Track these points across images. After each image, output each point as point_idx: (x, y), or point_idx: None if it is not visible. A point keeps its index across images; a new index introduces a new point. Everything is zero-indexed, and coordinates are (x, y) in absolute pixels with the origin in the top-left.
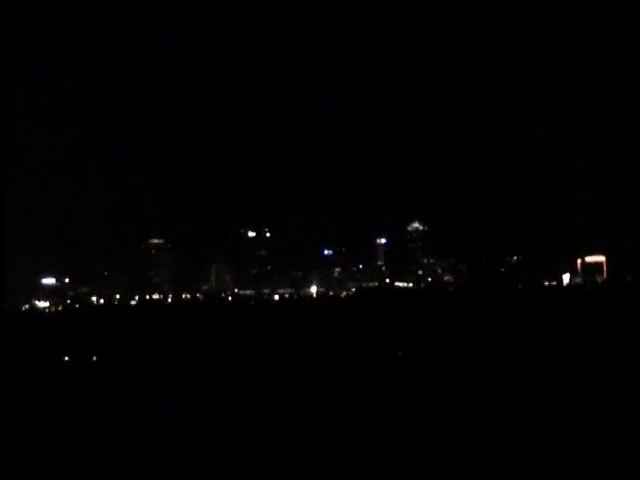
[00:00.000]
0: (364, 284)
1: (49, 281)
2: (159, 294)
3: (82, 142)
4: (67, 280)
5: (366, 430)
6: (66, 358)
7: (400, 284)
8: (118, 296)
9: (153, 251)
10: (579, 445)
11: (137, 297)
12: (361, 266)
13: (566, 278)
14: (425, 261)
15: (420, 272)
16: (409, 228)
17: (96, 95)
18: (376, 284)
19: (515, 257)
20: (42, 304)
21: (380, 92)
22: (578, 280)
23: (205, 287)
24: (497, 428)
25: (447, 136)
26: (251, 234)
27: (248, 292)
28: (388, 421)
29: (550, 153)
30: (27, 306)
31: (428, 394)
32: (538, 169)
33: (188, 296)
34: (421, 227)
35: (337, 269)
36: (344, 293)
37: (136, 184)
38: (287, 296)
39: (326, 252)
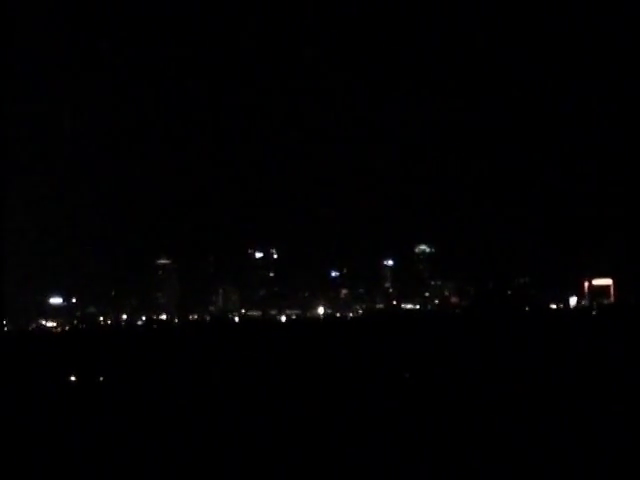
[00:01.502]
0: (371, 305)
1: (56, 301)
2: (166, 314)
3: (90, 163)
4: (74, 300)
5: (371, 450)
6: (72, 378)
7: (407, 306)
8: (125, 316)
9: (160, 272)
10: (590, 468)
11: (144, 317)
12: (368, 288)
13: (573, 301)
14: (432, 283)
15: (427, 294)
16: (416, 250)
17: (105, 114)
18: (383, 306)
19: (522, 279)
20: (49, 324)
21: (388, 113)
22: (585, 303)
23: (212, 308)
24: (504, 450)
25: (455, 158)
26: (258, 255)
27: (255, 313)
28: (394, 441)
29: (558, 175)
30: (34, 325)
31: (434, 415)
32: (546, 191)
33: (195, 317)
34: (428, 249)
35: (344, 290)
36: (351, 314)
37: (144, 204)
38: (294, 317)
39: (333, 273)
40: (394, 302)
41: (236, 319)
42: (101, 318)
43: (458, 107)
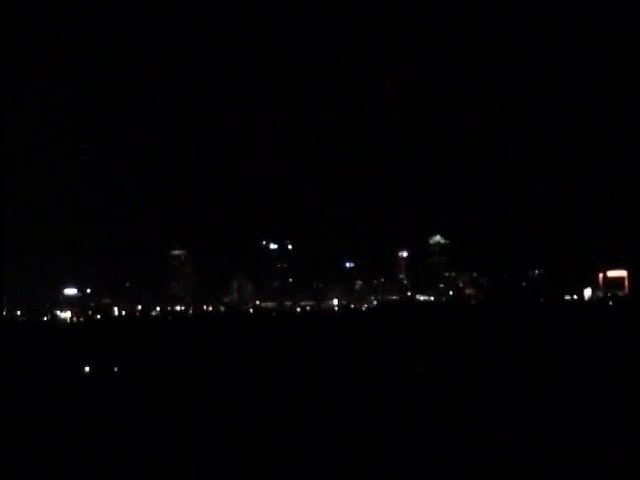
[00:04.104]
0: (385, 297)
1: (71, 292)
2: (181, 306)
3: (106, 157)
4: (89, 291)
5: (384, 443)
6: (87, 369)
7: (421, 297)
8: (140, 307)
9: (175, 263)
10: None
11: (159, 308)
12: (382, 279)
13: (587, 292)
14: (446, 275)
15: (441, 285)
16: (431, 242)
17: (122, 112)
18: (397, 297)
19: (536, 271)
20: (64, 314)
21: (402, 107)
22: (599, 294)
23: (227, 299)
24: (519, 442)
25: (470, 151)
26: (273, 246)
27: (269, 304)
28: (407, 434)
29: (573, 169)
30: (49, 316)
31: (448, 407)
32: (560, 184)
33: (210, 308)
34: (443, 241)
35: (358, 282)
36: (365, 306)
37: (159, 196)
38: (308, 308)
39: (347, 265)
40: (408, 293)
41: (250, 310)
42: (115, 309)
43: (473, 101)
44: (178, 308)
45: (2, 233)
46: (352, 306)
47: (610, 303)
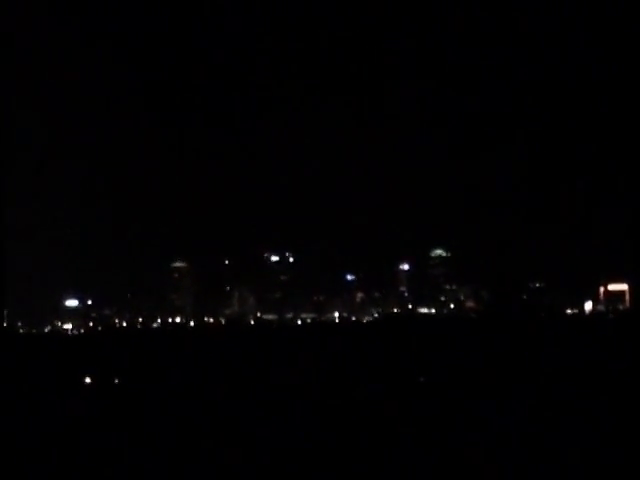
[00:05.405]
0: (386, 309)
1: (72, 303)
2: (181, 317)
3: (106, 165)
4: (90, 302)
5: (386, 456)
6: (87, 380)
7: (422, 310)
8: (141, 319)
9: (176, 275)
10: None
11: (159, 320)
12: (383, 291)
13: (588, 306)
14: (447, 287)
15: (442, 298)
16: (432, 254)
17: (123, 118)
18: (398, 310)
19: (537, 284)
20: (65, 326)
21: (403, 119)
22: (600, 308)
23: (227, 311)
24: (519, 455)
25: (470, 163)
26: (274, 258)
27: (271, 316)
28: (408, 447)
29: (574, 181)
30: (50, 327)
31: (449, 420)
32: (561, 197)
33: (210, 320)
34: (444, 253)
35: (359, 294)
36: (366, 318)
37: (160, 207)
38: (309, 321)
39: (349, 277)
40: (409, 306)
41: (251, 322)
42: (116, 320)
43: (473, 112)
44: (178, 320)
45: (3, 244)
46: (353, 318)
47: (611, 316)
